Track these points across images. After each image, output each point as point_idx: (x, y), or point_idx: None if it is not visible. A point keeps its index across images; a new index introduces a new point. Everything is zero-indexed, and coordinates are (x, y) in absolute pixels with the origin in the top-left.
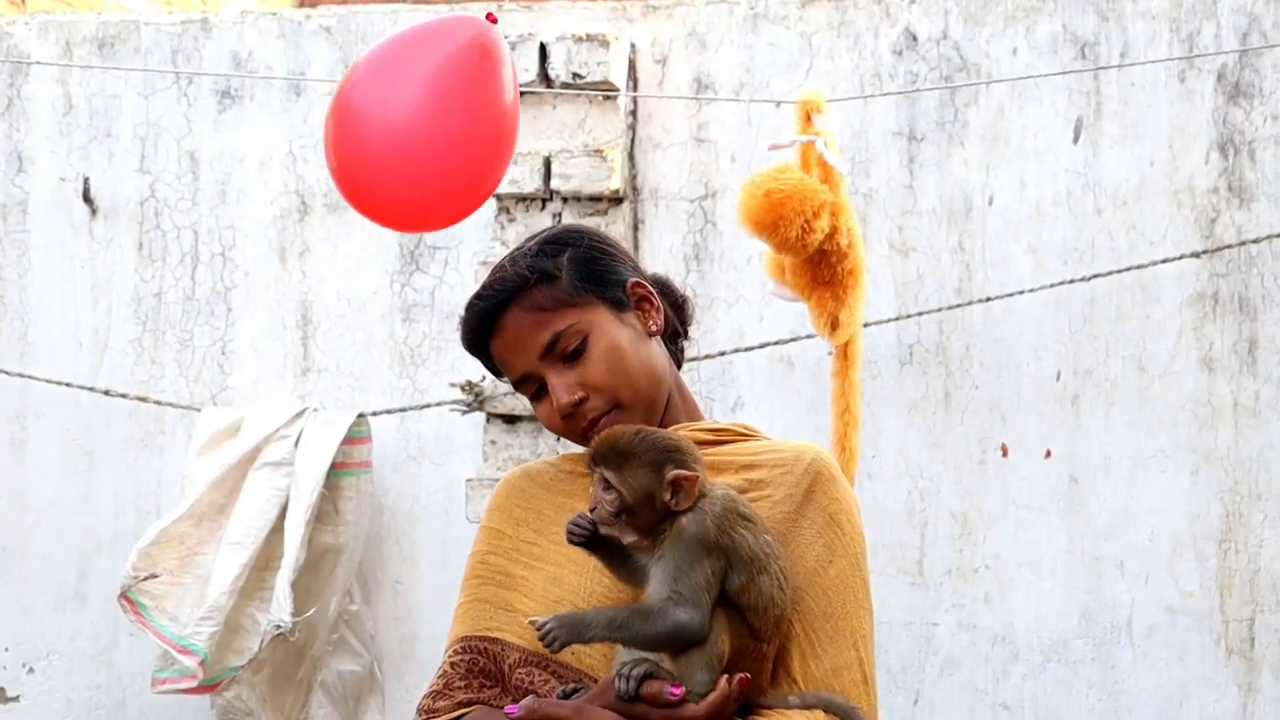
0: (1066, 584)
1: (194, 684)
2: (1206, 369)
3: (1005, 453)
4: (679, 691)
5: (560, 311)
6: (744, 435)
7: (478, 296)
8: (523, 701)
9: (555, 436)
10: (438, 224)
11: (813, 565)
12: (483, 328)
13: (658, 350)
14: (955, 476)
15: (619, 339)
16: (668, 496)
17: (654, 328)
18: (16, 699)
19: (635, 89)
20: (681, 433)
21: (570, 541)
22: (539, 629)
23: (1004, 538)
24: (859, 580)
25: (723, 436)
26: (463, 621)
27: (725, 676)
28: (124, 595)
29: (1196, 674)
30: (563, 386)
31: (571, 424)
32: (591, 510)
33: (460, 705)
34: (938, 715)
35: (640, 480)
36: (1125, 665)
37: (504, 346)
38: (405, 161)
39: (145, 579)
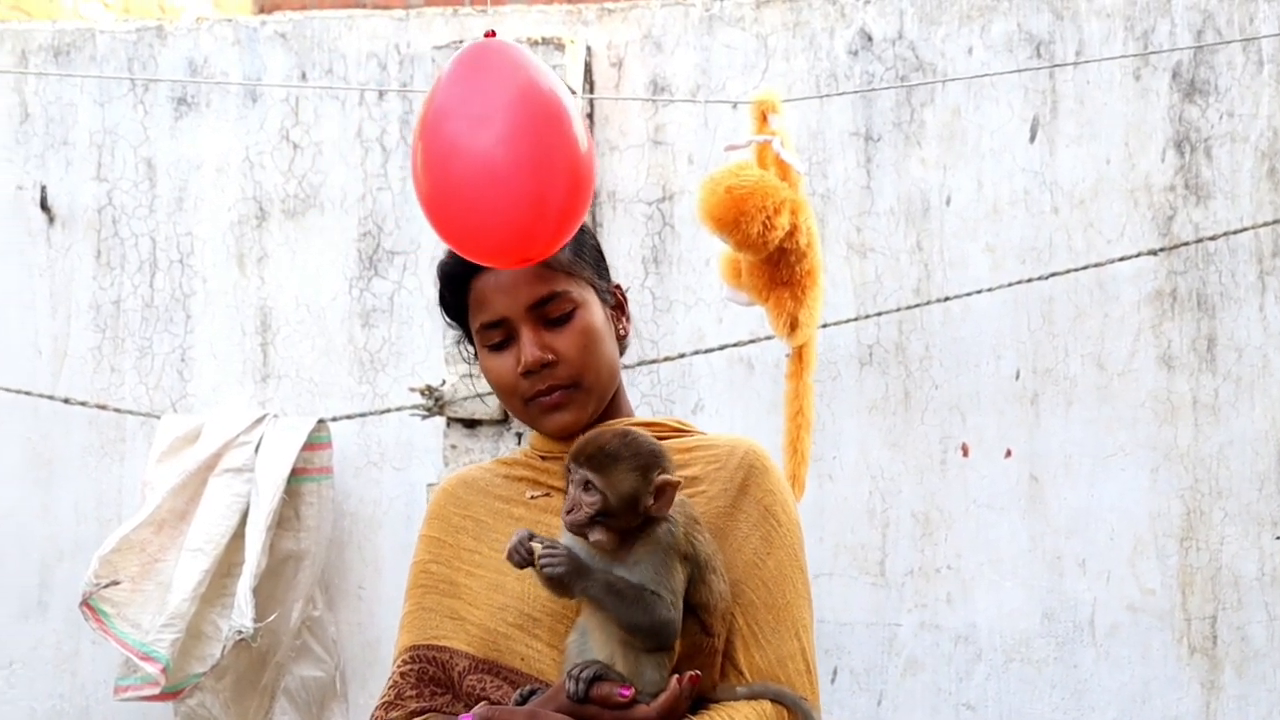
0: (1028, 583)
1: (156, 691)
2: (1165, 366)
3: (965, 452)
4: (629, 693)
5: (561, 275)
6: (678, 431)
7: None
8: (475, 709)
9: (516, 439)
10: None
11: (751, 558)
12: (478, 264)
13: (617, 350)
14: (916, 476)
15: (600, 324)
16: (651, 501)
17: (623, 332)
18: None
19: (591, 92)
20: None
21: (511, 562)
22: (541, 553)
23: (965, 537)
24: (797, 570)
25: (656, 432)
26: (409, 631)
27: (675, 676)
28: (85, 603)
29: (1159, 672)
30: (538, 344)
31: (527, 384)
32: (568, 512)
33: (413, 715)
34: (901, 715)
35: (626, 483)
36: (1088, 664)
37: (494, 285)
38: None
39: (106, 586)
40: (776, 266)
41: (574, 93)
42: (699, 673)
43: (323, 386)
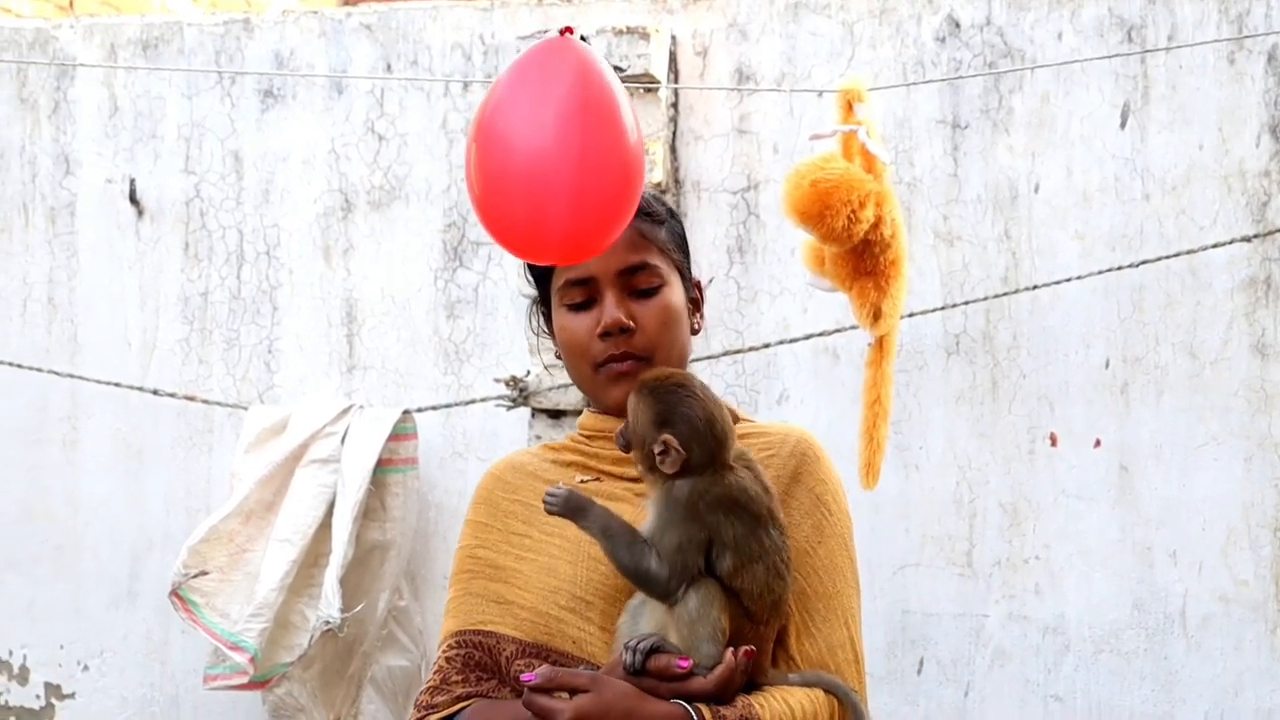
0: (1118, 574)
1: (245, 680)
2: (1259, 354)
3: (1054, 442)
4: (687, 664)
5: (657, 251)
6: (733, 419)
7: None
8: (539, 669)
9: None
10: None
11: (803, 546)
12: None
13: (690, 341)
14: (1004, 466)
15: (680, 307)
16: (657, 451)
17: (697, 327)
18: (72, 696)
19: (676, 81)
20: None
21: (546, 510)
22: (546, 492)
23: (1054, 528)
24: (847, 559)
25: None
26: (455, 616)
27: (731, 649)
28: (175, 593)
29: (1252, 664)
30: (622, 308)
31: (601, 347)
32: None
33: (459, 699)
34: (989, 707)
35: (640, 421)
36: (1179, 656)
37: None
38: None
39: (195, 576)
40: (860, 257)
41: (657, 83)
42: (754, 648)
43: (408, 378)
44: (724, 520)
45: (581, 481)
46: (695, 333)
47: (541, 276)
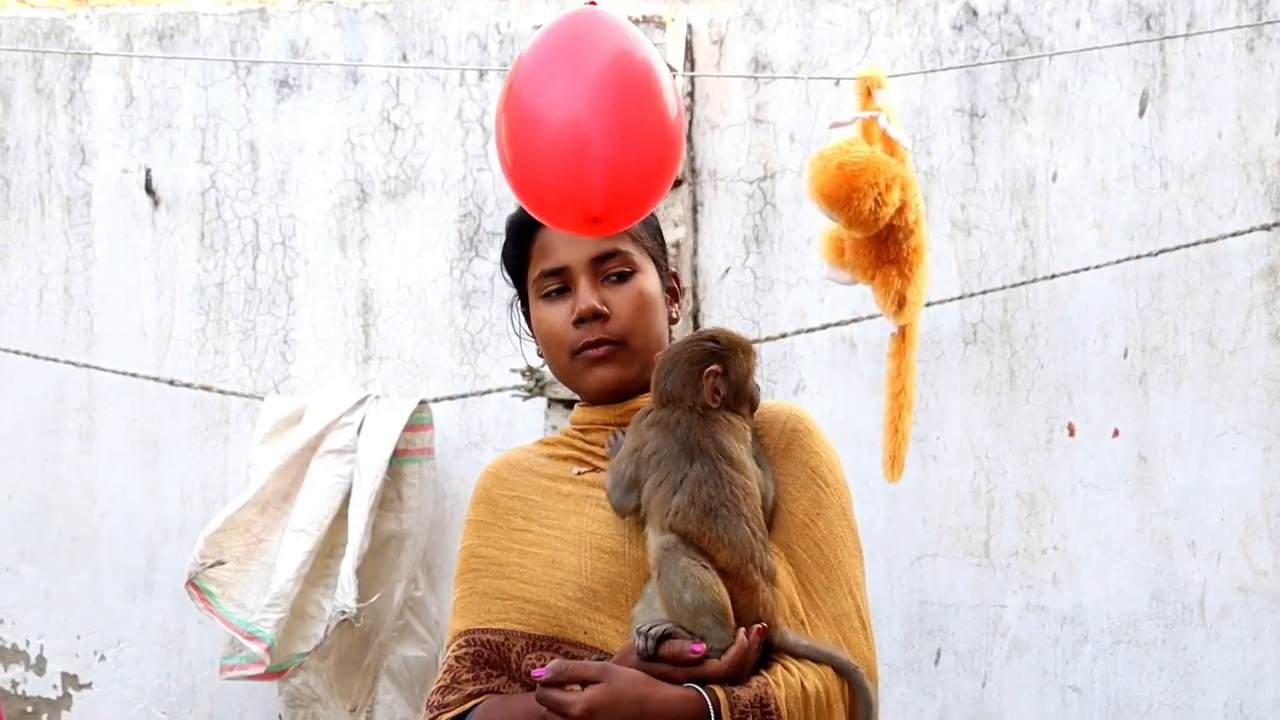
0: (1136, 564)
1: (261, 670)
2: (1278, 344)
3: (1072, 432)
4: (700, 649)
5: (629, 239)
6: None
7: None
8: (550, 664)
9: None
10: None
11: (801, 519)
12: None
13: (667, 329)
14: (1021, 456)
15: (655, 292)
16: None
17: (675, 316)
18: (89, 686)
19: (692, 70)
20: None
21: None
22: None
23: (1072, 518)
24: (847, 529)
25: None
26: (462, 616)
27: (743, 630)
28: (191, 583)
29: (1271, 654)
30: (594, 294)
31: (577, 334)
32: None
33: (470, 697)
34: (1006, 698)
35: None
36: (1198, 646)
37: (560, 234)
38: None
39: (212, 566)
40: (884, 244)
41: (674, 71)
42: (765, 625)
43: (424, 368)
44: (651, 436)
45: (578, 474)
46: (674, 322)
47: (518, 273)
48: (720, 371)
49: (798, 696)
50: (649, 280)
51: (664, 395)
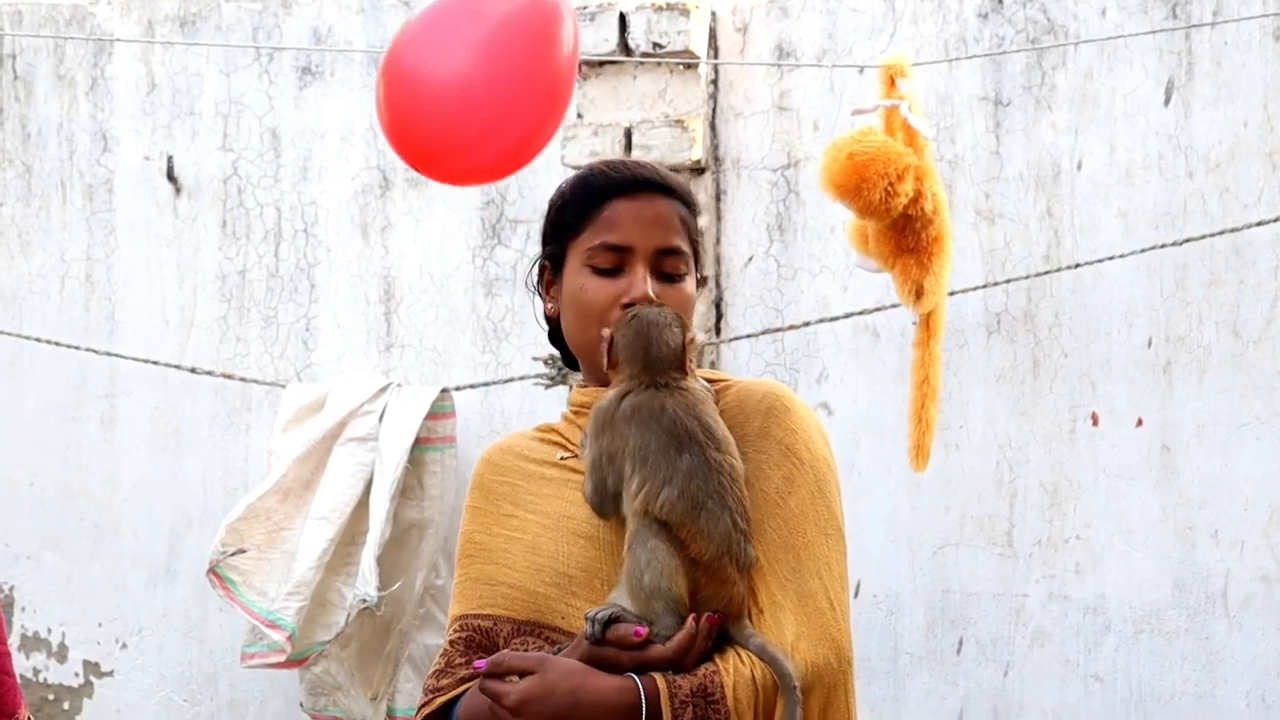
0: (1159, 554)
1: (282, 658)
2: None
3: (1095, 421)
4: (643, 632)
5: (688, 240)
6: (709, 381)
7: (640, 166)
8: (493, 656)
9: None
10: (482, 178)
11: (774, 497)
12: (629, 186)
13: None
14: (1045, 446)
15: (694, 300)
16: (603, 349)
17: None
18: (110, 674)
19: (716, 57)
20: None
21: None
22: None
23: (1095, 507)
24: (822, 507)
25: None
26: (459, 601)
27: (693, 616)
28: (212, 571)
29: None
30: (650, 285)
31: (623, 316)
32: None
33: (463, 681)
34: (1028, 687)
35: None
36: (1220, 636)
37: (636, 214)
38: (455, 115)
39: (233, 554)
40: (902, 233)
41: (697, 59)
42: (718, 615)
43: (446, 356)
44: (634, 432)
45: (561, 459)
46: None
47: (562, 230)
48: (693, 336)
49: (748, 684)
50: (691, 285)
51: (653, 365)
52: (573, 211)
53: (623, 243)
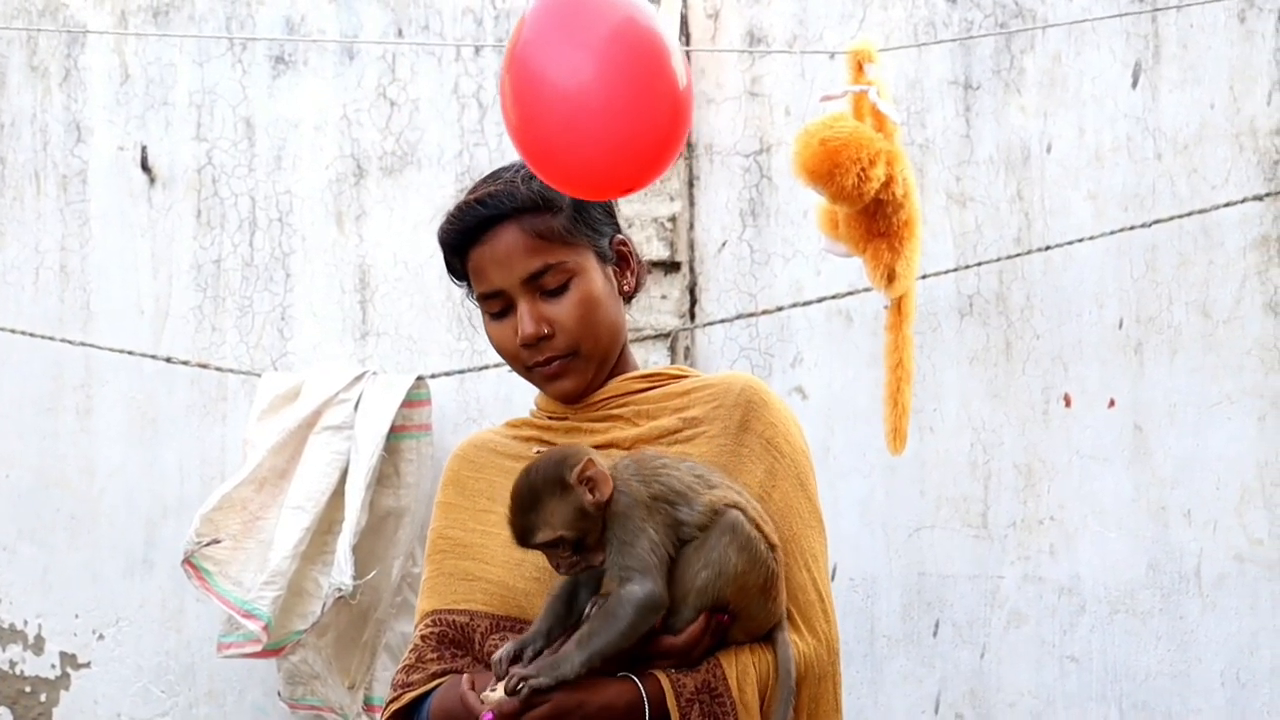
0: (1133, 534)
1: (259, 648)
2: (1272, 313)
3: (1068, 403)
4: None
5: (556, 246)
6: (677, 377)
7: (479, 202)
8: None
9: None
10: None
11: (757, 492)
12: (473, 232)
13: (622, 308)
14: (1018, 428)
15: (598, 290)
16: (590, 498)
17: (627, 288)
18: (88, 665)
19: (688, 44)
20: (614, 381)
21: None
22: (511, 681)
23: (1068, 488)
24: (804, 500)
25: (656, 382)
26: (429, 597)
27: (705, 613)
28: (188, 561)
29: (1268, 623)
30: (533, 317)
31: (527, 355)
32: (560, 569)
33: (434, 676)
34: (1004, 668)
35: (563, 512)
36: (1194, 615)
37: (489, 258)
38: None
39: (208, 544)
40: (873, 218)
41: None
42: (726, 615)
43: (421, 343)
44: (664, 475)
45: (536, 453)
46: (628, 295)
47: (464, 277)
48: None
49: (750, 676)
50: (589, 279)
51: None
52: (452, 268)
53: (492, 289)
